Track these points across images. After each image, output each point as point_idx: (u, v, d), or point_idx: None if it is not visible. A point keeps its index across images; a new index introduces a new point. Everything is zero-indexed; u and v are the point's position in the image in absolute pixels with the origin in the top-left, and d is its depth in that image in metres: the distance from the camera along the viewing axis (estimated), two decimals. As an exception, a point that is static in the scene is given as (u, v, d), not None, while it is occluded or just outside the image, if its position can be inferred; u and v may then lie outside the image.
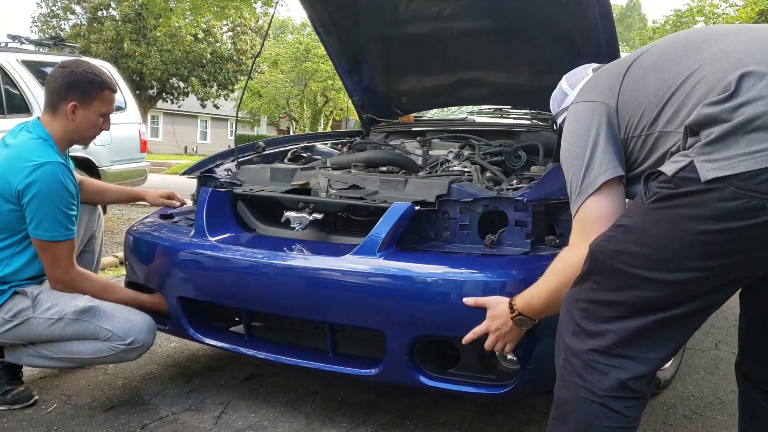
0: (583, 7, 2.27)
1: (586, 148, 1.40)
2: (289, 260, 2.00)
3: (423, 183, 2.07)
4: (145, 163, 6.76)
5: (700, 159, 1.18)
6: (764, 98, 1.17)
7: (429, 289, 1.79)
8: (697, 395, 2.46)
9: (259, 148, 2.81)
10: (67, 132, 2.16)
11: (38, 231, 2.05)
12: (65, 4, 22.57)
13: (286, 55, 26.92)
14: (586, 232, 1.39)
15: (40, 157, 2.04)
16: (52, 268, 2.11)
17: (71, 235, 2.10)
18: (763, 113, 1.15)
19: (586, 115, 1.43)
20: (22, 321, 2.08)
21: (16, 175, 2.02)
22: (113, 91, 2.23)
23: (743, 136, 1.16)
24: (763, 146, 1.13)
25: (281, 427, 2.07)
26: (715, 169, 1.16)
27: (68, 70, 2.14)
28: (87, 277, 2.20)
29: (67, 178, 2.07)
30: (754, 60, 1.22)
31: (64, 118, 2.14)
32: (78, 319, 2.08)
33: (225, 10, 14.24)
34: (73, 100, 2.13)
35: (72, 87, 2.13)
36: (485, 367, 1.89)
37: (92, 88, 2.15)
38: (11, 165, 2.04)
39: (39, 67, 5.69)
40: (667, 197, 1.22)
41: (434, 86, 3.13)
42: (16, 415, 2.09)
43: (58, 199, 2.04)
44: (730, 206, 1.15)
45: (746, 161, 1.14)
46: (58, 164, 2.05)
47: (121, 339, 2.08)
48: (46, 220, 2.04)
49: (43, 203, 2.02)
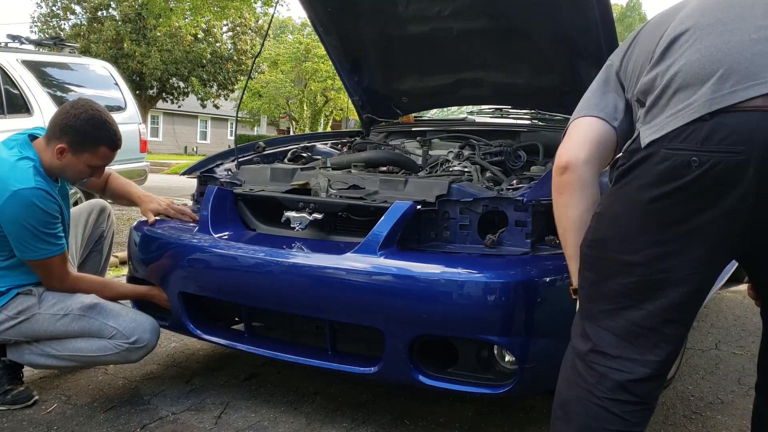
0: (583, 7, 2.27)
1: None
2: (290, 257, 2.01)
3: (423, 183, 2.07)
4: (145, 163, 6.76)
5: (643, 128, 1.22)
6: (683, 56, 1.20)
7: (429, 289, 1.79)
8: (697, 395, 2.46)
9: (259, 148, 2.81)
10: (52, 167, 2.10)
11: (25, 254, 2.05)
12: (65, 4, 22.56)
13: (286, 55, 26.91)
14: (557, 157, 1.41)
15: (17, 182, 1.98)
16: (48, 281, 2.13)
17: (59, 250, 2.09)
18: (681, 71, 1.18)
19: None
20: (27, 317, 2.09)
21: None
22: (113, 148, 2.14)
23: (670, 98, 1.19)
24: (684, 104, 1.16)
25: (281, 427, 2.07)
26: (650, 134, 1.19)
27: (73, 112, 2.07)
28: (83, 280, 2.22)
29: (45, 200, 2.01)
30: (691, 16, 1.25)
31: (51, 153, 2.08)
32: (84, 315, 2.09)
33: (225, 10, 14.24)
34: (64, 143, 2.06)
35: (67, 131, 2.06)
36: (484, 366, 1.89)
37: (86, 140, 2.08)
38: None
39: (39, 67, 5.69)
40: (622, 174, 1.26)
41: (434, 86, 3.13)
42: (16, 415, 2.09)
43: (33, 222, 2.00)
44: (663, 168, 1.17)
45: (672, 121, 1.17)
46: (33, 190, 1.99)
47: (126, 337, 2.09)
48: (29, 242, 2.03)
49: (20, 229, 2.00)
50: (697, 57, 1.20)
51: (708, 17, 1.25)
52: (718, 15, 1.24)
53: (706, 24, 1.24)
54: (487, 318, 1.75)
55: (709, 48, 1.20)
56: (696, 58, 1.20)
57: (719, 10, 1.25)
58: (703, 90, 1.16)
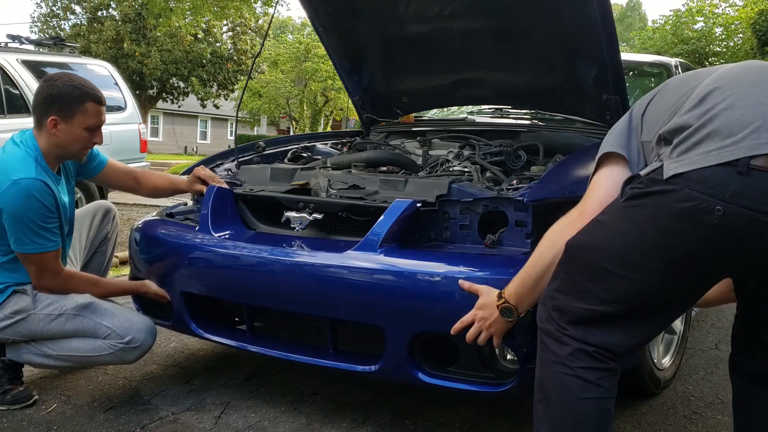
0: (583, 7, 2.27)
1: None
2: (291, 256, 2.01)
3: (423, 183, 2.07)
4: (145, 163, 6.75)
5: (668, 161, 1.27)
6: (724, 102, 1.26)
7: (429, 286, 1.79)
8: (697, 395, 2.46)
9: (259, 148, 2.81)
10: (52, 147, 2.11)
11: (18, 245, 2.05)
12: (65, 4, 22.58)
13: (286, 55, 26.90)
14: (581, 203, 1.54)
15: (18, 173, 2.01)
16: (38, 278, 2.11)
17: (54, 246, 2.09)
18: (718, 116, 1.25)
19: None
20: (23, 317, 2.09)
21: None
22: (98, 102, 2.13)
23: (704, 138, 1.24)
24: (718, 145, 1.21)
25: (281, 427, 2.07)
26: (676, 167, 1.24)
27: (48, 84, 2.09)
28: (75, 277, 2.21)
29: (43, 193, 2.02)
30: (724, 79, 1.33)
31: (47, 134, 2.09)
32: (78, 314, 2.09)
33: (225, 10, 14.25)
34: (53, 115, 2.07)
35: (51, 101, 2.07)
36: (484, 365, 1.89)
37: (71, 101, 2.07)
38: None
39: (39, 67, 5.68)
40: (636, 196, 1.32)
41: (434, 86, 3.13)
42: (16, 415, 2.09)
43: (31, 215, 2.01)
44: (685, 207, 1.22)
45: (702, 159, 1.22)
46: (35, 180, 2.01)
47: (120, 337, 2.09)
48: (24, 235, 2.03)
49: (16, 219, 2.01)
50: (737, 107, 1.26)
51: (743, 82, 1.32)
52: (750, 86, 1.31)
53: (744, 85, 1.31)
54: None
55: (746, 105, 1.25)
56: (735, 107, 1.26)
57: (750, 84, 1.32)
58: (740, 135, 1.21)
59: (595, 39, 2.32)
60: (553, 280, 1.45)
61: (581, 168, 2.09)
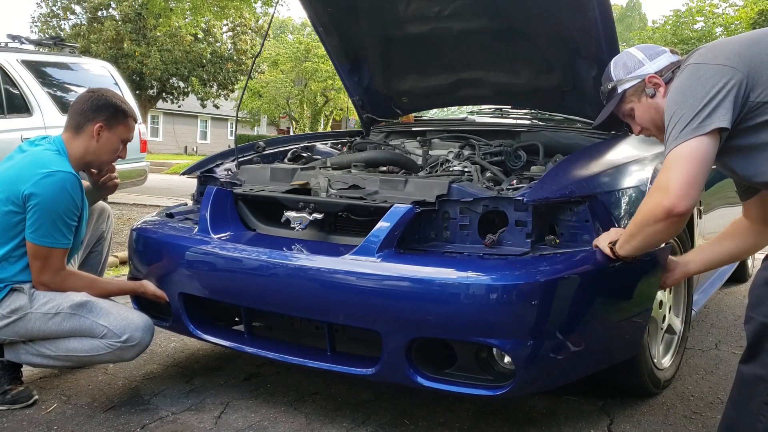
0: (583, 7, 2.27)
1: (706, 97, 1.49)
2: (289, 259, 2.01)
3: (423, 183, 2.07)
4: (145, 163, 6.76)
5: None
6: None
7: (425, 292, 1.79)
8: (697, 395, 2.46)
9: (259, 148, 2.81)
10: (88, 152, 2.23)
11: (35, 236, 2.06)
12: (65, 4, 22.54)
13: (286, 55, 26.90)
14: (673, 173, 1.51)
15: (54, 165, 2.09)
16: (41, 274, 2.12)
17: (65, 244, 2.12)
18: None
19: (713, 73, 1.52)
20: (20, 317, 2.09)
21: (26, 180, 2.06)
22: (136, 121, 2.35)
23: None
24: None
25: (281, 427, 2.07)
26: None
27: (97, 95, 2.25)
28: (74, 275, 2.22)
29: (76, 190, 2.11)
30: None
31: (87, 138, 2.22)
32: (74, 313, 2.09)
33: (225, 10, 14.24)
34: (100, 121, 2.22)
35: (100, 109, 2.23)
36: (482, 367, 1.89)
37: (119, 113, 2.26)
38: (24, 171, 2.09)
39: (39, 67, 5.69)
40: None
41: (434, 86, 3.13)
42: (16, 415, 2.09)
43: (61, 208, 2.07)
44: None
45: None
46: (70, 174, 2.10)
47: (117, 336, 2.09)
48: (45, 226, 2.06)
49: (45, 209, 2.05)
50: None
51: None
52: None
53: None
54: (483, 321, 1.75)
55: None
56: None
57: None
58: None
59: (595, 39, 2.33)
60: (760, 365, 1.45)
61: (581, 168, 2.09)
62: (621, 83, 1.81)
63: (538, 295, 1.74)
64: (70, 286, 2.16)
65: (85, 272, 2.36)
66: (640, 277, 2.05)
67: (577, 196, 1.94)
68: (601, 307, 1.95)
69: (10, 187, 2.07)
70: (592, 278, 1.87)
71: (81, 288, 2.17)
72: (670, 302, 2.48)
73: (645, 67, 1.79)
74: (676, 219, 1.54)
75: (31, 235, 2.07)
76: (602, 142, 2.47)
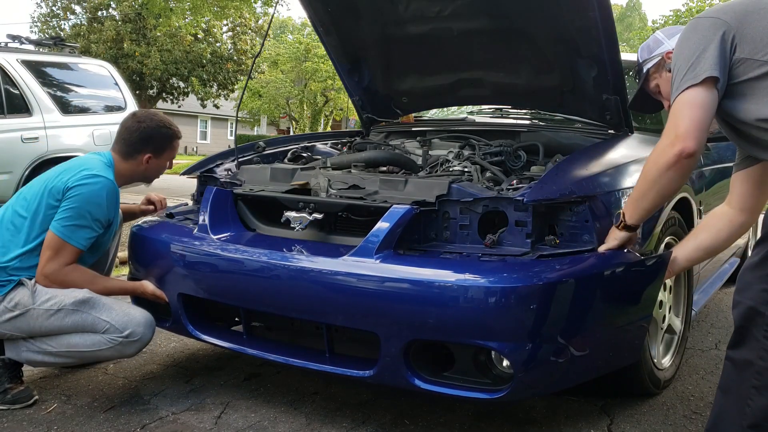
0: (583, 8, 2.27)
1: (699, 48, 1.55)
2: (287, 261, 2.00)
3: (423, 183, 2.07)
4: (145, 163, 6.74)
5: None
6: None
7: (423, 294, 1.78)
8: (697, 395, 2.46)
9: (259, 148, 2.81)
10: (135, 174, 2.38)
11: (58, 224, 2.12)
12: (65, 4, 22.53)
13: (286, 55, 26.91)
14: (676, 120, 1.57)
15: (100, 171, 2.21)
16: (48, 263, 2.14)
17: (82, 245, 2.17)
18: None
19: (707, 26, 1.58)
20: (22, 312, 2.10)
21: (71, 175, 2.16)
22: (180, 137, 2.47)
23: None
24: None
25: (281, 427, 2.07)
26: None
27: (144, 125, 2.34)
28: (77, 270, 2.22)
29: (111, 199, 2.21)
30: None
31: (137, 164, 2.36)
32: (76, 309, 2.10)
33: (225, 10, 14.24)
34: (149, 152, 2.35)
35: (149, 141, 2.35)
36: (481, 370, 1.88)
37: (166, 142, 2.39)
38: (71, 168, 2.21)
39: (39, 67, 5.69)
40: None
41: (434, 86, 3.13)
42: (16, 414, 2.09)
43: (93, 208, 2.16)
44: None
45: None
46: (111, 183, 2.22)
47: (119, 331, 2.10)
48: (71, 220, 2.13)
49: (78, 204, 2.13)
50: None
51: None
52: None
53: None
54: (481, 323, 1.74)
55: None
56: None
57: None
58: None
59: (595, 39, 2.32)
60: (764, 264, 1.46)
61: (581, 168, 2.09)
62: (645, 63, 1.95)
63: (537, 298, 1.74)
64: (71, 281, 2.16)
65: (87, 269, 2.36)
66: (642, 281, 2.04)
67: (577, 196, 1.94)
68: (601, 311, 1.95)
69: (55, 179, 2.18)
70: (591, 281, 1.87)
71: (82, 284, 2.18)
72: (670, 302, 2.48)
73: (664, 45, 1.91)
74: (687, 161, 1.58)
75: (55, 223, 2.13)
76: (602, 142, 2.47)
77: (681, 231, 2.43)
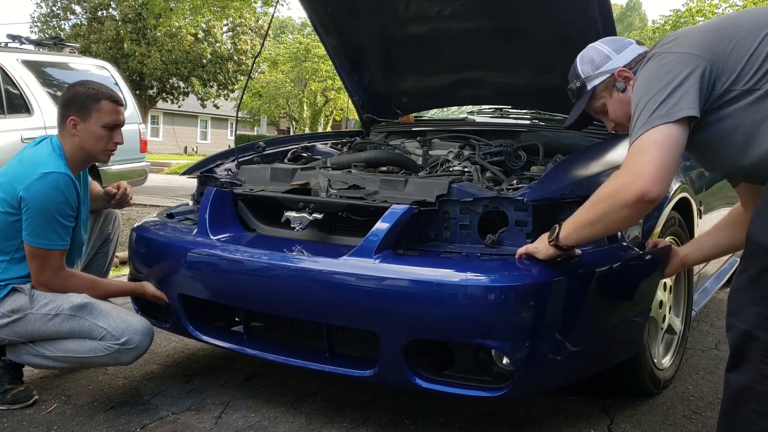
0: (583, 7, 2.27)
1: (672, 84, 1.47)
2: (287, 261, 2.01)
3: (423, 183, 2.07)
4: (145, 163, 6.76)
5: None
6: None
7: (423, 293, 1.78)
8: (697, 395, 2.46)
9: (259, 148, 2.81)
10: (75, 149, 2.20)
11: (32, 238, 2.07)
12: (65, 4, 22.54)
13: (286, 55, 26.89)
14: (643, 158, 1.47)
15: (48, 166, 2.09)
16: (39, 274, 2.12)
17: (62, 246, 2.12)
18: None
19: (678, 62, 1.51)
20: (20, 317, 2.09)
21: (21, 182, 2.07)
22: (114, 101, 2.23)
23: None
24: None
25: (281, 427, 2.07)
26: None
27: (67, 89, 2.23)
28: (74, 276, 2.22)
29: (69, 189, 2.10)
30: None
31: (69, 135, 2.20)
32: (74, 315, 2.09)
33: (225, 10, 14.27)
34: (72, 115, 2.18)
35: (68, 103, 2.20)
36: (481, 368, 1.88)
37: (87, 100, 2.19)
38: (20, 172, 2.11)
39: (39, 67, 5.69)
40: None
41: (434, 86, 3.13)
42: (16, 415, 2.09)
43: (54, 208, 2.07)
44: None
45: None
46: (63, 175, 2.09)
47: (116, 338, 2.09)
48: (41, 228, 2.06)
49: (39, 211, 2.06)
50: None
51: None
52: None
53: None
54: (481, 322, 1.74)
55: None
56: None
57: None
58: None
59: (594, 39, 2.32)
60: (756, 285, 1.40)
61: (581, 168, 2.09)
62: (590, 80, 1.79)
63: (536, 296, 1.74)
64: (70, 287, 2.16)
65: (85, 273, 2.36)
66: (640, 276, 2.05)
67: (577, 196, 1.94)
68: (600, 307, 1.95)
69: (8, 187, 2.09)
70: (590, 278, 1.87)
71: (82, 289, 2.17)
72: (670, 302, 2.48)
73: (613, 61, 1.76)
74: (646, 205, 1.50)
75: (27, 236, 2.08)
76: (602, 142, 2.47)
77: (681, 231, 2.43)
